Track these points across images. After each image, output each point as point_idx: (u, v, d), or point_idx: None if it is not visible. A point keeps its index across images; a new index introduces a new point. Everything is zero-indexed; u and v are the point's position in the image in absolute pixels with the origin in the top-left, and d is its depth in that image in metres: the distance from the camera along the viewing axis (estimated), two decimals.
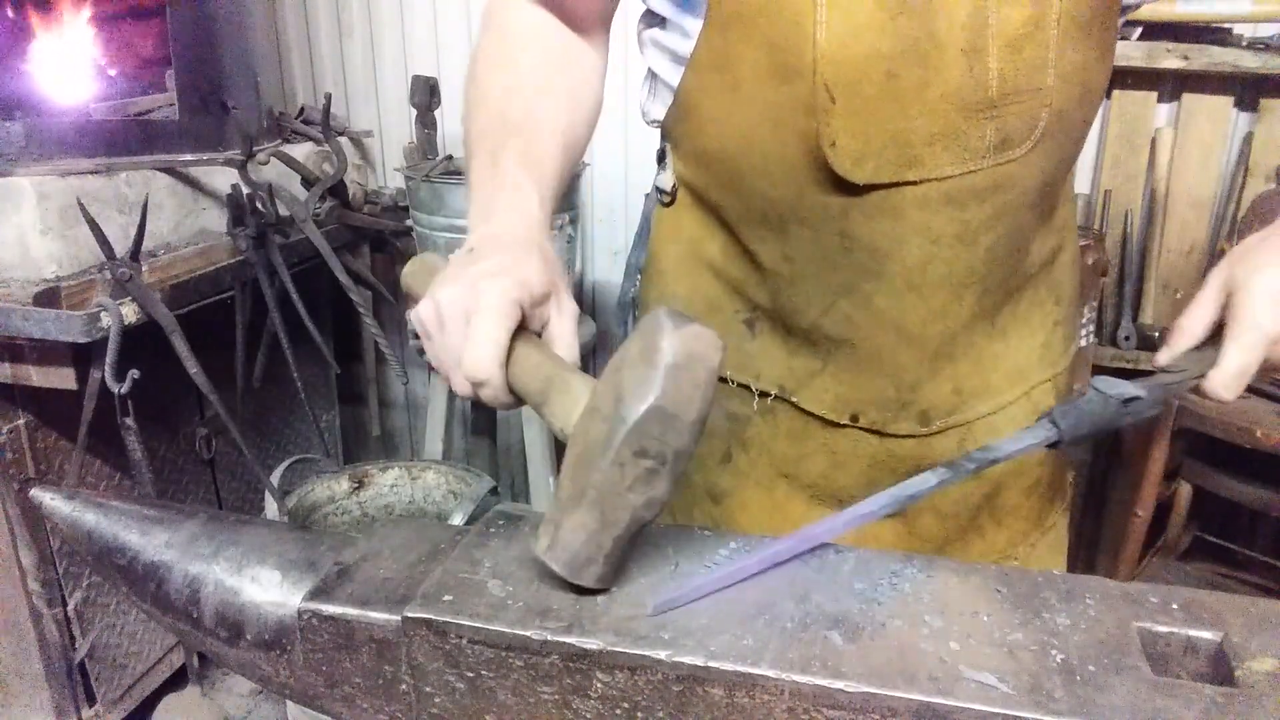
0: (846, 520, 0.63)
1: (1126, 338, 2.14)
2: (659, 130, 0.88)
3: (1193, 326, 0.73)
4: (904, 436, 0.85)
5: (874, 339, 0.81)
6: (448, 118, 2.36)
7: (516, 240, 0.70)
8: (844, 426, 0.85)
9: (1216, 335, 0.72)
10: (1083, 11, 0.71)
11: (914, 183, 0.73)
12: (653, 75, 0.87)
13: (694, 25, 0.77)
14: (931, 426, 0.85)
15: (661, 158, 0.89)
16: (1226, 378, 0.69)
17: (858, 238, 0.76)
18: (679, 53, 0.81)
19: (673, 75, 0.82)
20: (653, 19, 0.86)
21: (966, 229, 0.75)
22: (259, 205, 1.93)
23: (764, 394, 0.88)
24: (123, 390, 1.54)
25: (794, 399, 0.86)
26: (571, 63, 0.87)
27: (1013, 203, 0.76)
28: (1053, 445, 0.66)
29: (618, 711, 0.54)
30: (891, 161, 0.72)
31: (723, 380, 0.88)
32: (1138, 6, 0.86)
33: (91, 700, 1.86)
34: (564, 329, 0.68)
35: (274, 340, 1.98)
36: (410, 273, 0.79)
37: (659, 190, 0.90)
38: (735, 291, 0.87)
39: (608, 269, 2.51)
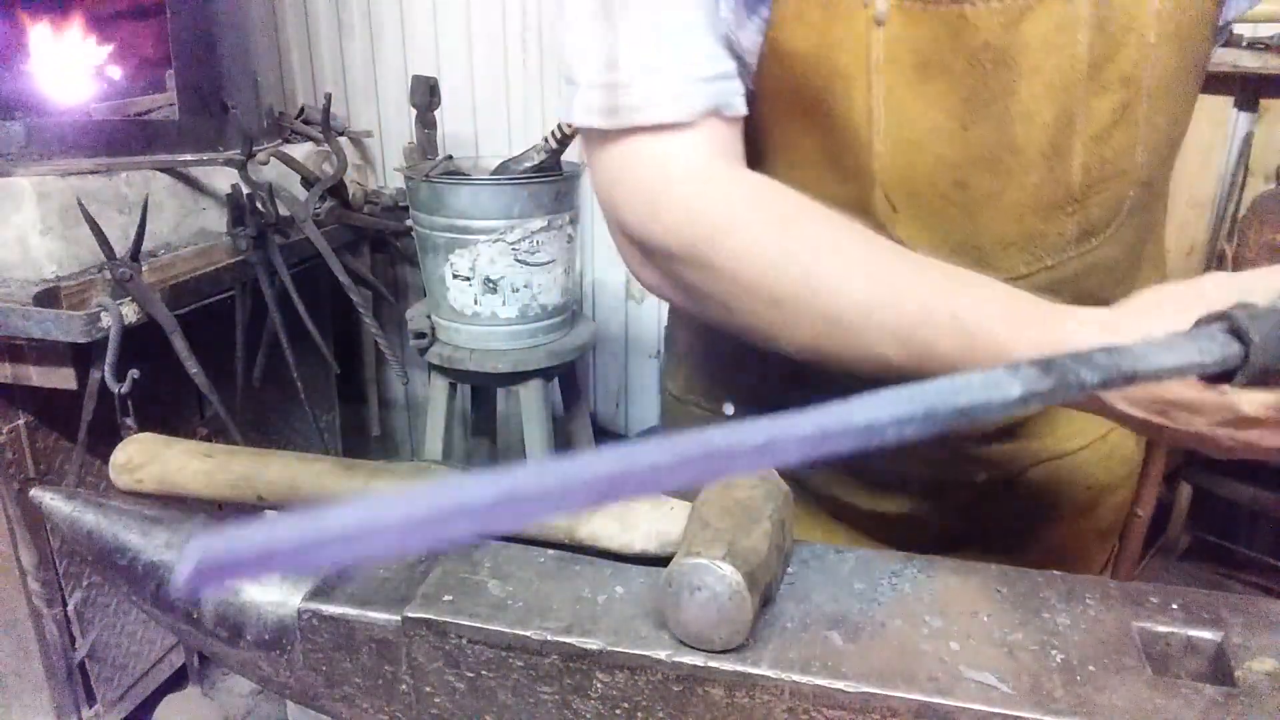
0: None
1: None
2: None
3: None
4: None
5: None
6: (448, 118, 2.35)
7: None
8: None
9: None
10: (1172, 67, 0.60)
11: None
12: None
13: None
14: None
15: None
16: None
17: None
18: None
19: None
20: None
21: None
22: (259, 205, 1.92)
23: None
24: (123, 390, 1.54)
25: None
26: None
27: (1097, 283, 0.69)
28: (1225, 376, 0.37)
29: (618, 711, 0.54)
30: (961, 264, 0.64)
31: None
32: (1231, 23, 0.69)
33: (91, 700, 1.86)
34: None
35: (274, 340, 1.97)
36: (130, 460, 0.71)
37: None
38: None
39: (607, 269, 2.51)
